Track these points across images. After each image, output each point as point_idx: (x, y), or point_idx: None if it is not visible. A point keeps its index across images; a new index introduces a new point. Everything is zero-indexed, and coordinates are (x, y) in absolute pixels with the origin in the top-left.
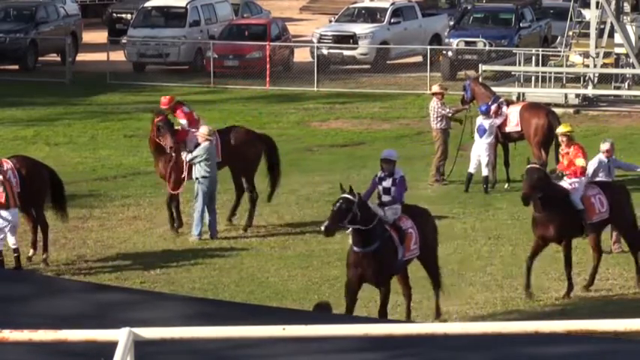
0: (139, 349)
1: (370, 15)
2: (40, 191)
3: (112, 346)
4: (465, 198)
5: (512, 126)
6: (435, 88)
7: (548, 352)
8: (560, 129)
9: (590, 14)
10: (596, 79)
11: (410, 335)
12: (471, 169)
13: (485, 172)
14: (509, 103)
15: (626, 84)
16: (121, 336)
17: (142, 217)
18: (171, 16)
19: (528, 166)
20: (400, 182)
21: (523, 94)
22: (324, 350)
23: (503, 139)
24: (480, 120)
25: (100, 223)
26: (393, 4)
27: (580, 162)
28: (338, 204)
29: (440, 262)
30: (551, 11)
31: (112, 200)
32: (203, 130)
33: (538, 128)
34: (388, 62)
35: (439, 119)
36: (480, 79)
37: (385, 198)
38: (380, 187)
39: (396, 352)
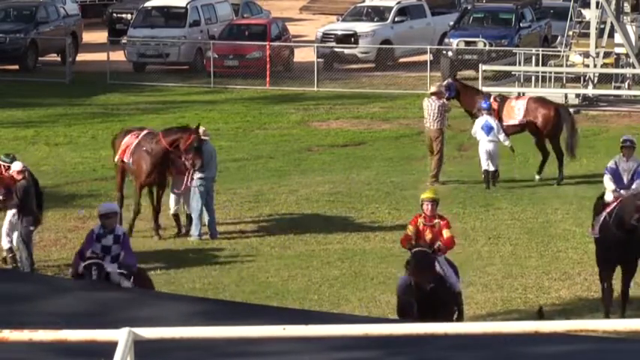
0: (138, 348)
1: (376, 14)
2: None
3: (112, 346)
4: (465, 198)
5: (518, 120)
6: (434, 89)
7: (548, 351)
8: (427, 194)
9: (590, 14)
10: (596, 79)
11: (410, 335)
12: (485, 166)
13: (492, 167)
14: (503, 98)
15: (626, 84)
16: (121, 336)
17: (142, 217)
18: (171, 16)
19: (417, 249)
20: (126, 242)
21: (523, 94)
22: (324, 349)
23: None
24: (485, 117)
25: None
26: (398, 2)
27: (447, 233)
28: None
29: None
30: (551, 11)
31: (112, 200)
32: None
33: (549, 121)
34: (393, 61)
35: (439, 118)
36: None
37: (107, 260)
38: (98, 245)
39: (396, 352)
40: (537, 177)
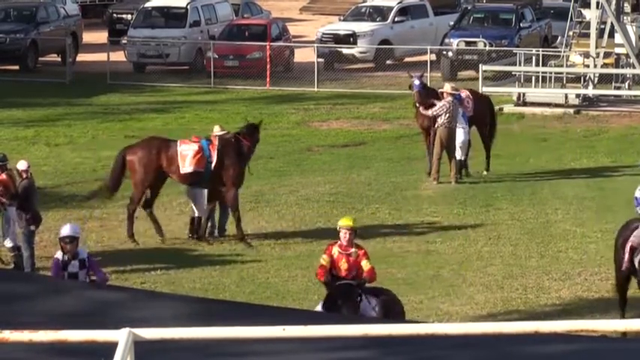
0: (138, 349)
1: (377, 13)
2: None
3: (112, 346)
4: (465, 198)
5: (469, 112)
6: (449, 89)
7: (548, 351)
8: (345, 222)
9: (591, 14)
10: (596, 79)
11: (410, 335)
12: (460, 156)
13: (463, 157)
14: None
15: (627, 84)
16: (121, 336)
17: (142, 217)
18: (172, 17)
19: (340, 282)
20: (93, 264)
21: (523, 94)
22: (324, 349)
23: None
24: (460, 109)
25: (100, 223)
26: (399, 2)
27: (367, 264)
28: None
29: (440, 262)
30: (551, 11)
31: (112, 200)
32: (216, 130)
33: (489, 114)
34: (394, 61)
35: (455, 118)
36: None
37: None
38: (65, 274)
39: (395, 351)
40: (485, 173)
